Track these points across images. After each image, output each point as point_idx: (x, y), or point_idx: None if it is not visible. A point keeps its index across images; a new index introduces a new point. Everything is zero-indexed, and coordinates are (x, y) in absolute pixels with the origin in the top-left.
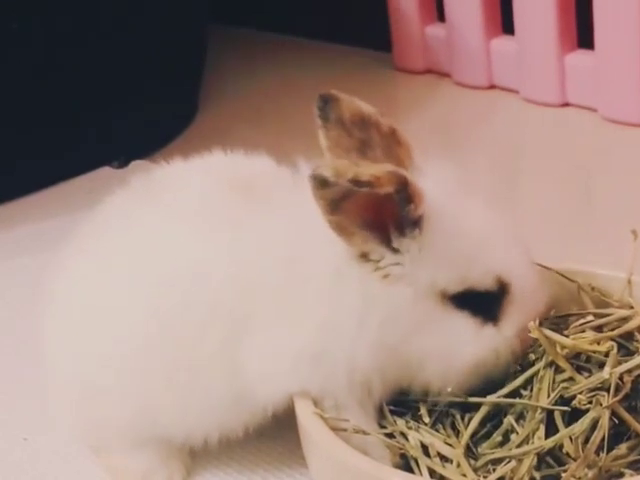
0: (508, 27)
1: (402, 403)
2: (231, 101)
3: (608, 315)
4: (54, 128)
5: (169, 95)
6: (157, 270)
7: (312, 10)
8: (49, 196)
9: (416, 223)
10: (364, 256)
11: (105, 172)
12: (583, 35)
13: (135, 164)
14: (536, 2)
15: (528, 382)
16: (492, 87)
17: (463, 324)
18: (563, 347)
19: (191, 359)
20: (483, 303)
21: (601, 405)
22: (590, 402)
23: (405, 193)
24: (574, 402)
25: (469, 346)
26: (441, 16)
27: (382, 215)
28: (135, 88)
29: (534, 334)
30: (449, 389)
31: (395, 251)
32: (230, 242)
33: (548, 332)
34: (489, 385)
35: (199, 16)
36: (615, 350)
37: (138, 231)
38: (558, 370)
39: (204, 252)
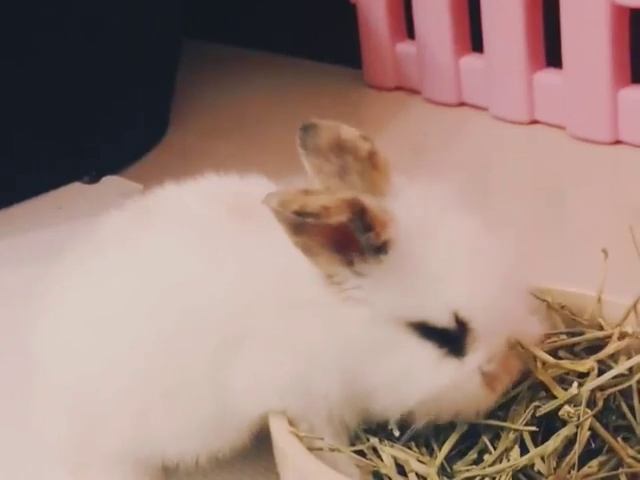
0: (477, 45)
1: (376, 423)
2: (202, 116)
3: (580, 334)
4: (23, 143)
5: (140, 110)
6: (156, 289)
7: (282, 26)
8: (19, 212)
9: (380, 248)
10: (329, 277)
11: (76, 187)
12: (552, 54)
13: (106, 179)
14: (505, 20)
15: (506, 404)
16: (462, 104)
17: (424, 354)
18: (544, 364)
19: (184, 377)
20: (446, 336)
21: (578, 419)
22: (570, 416)
23: (362, 221)
24: (561, 412)
25: (426, 376)
26: (411, 33)
27: (344, 239)
28: (106, 103)
29: (514, 349)
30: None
31: (358, 274)
32: (227, 263)
33: (530, 346)
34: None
35: (173, 31)
36: (596, 370)
37: (134, 252)
38: (536, 391)
39: (202, 272)
